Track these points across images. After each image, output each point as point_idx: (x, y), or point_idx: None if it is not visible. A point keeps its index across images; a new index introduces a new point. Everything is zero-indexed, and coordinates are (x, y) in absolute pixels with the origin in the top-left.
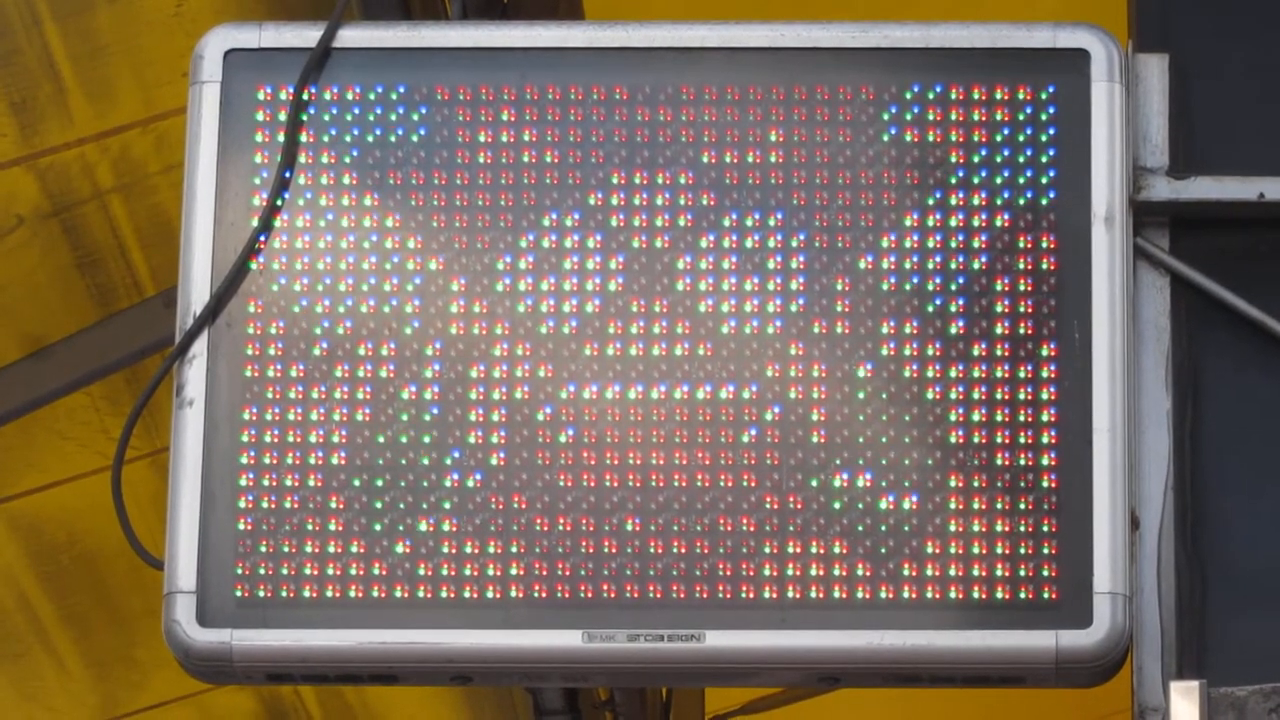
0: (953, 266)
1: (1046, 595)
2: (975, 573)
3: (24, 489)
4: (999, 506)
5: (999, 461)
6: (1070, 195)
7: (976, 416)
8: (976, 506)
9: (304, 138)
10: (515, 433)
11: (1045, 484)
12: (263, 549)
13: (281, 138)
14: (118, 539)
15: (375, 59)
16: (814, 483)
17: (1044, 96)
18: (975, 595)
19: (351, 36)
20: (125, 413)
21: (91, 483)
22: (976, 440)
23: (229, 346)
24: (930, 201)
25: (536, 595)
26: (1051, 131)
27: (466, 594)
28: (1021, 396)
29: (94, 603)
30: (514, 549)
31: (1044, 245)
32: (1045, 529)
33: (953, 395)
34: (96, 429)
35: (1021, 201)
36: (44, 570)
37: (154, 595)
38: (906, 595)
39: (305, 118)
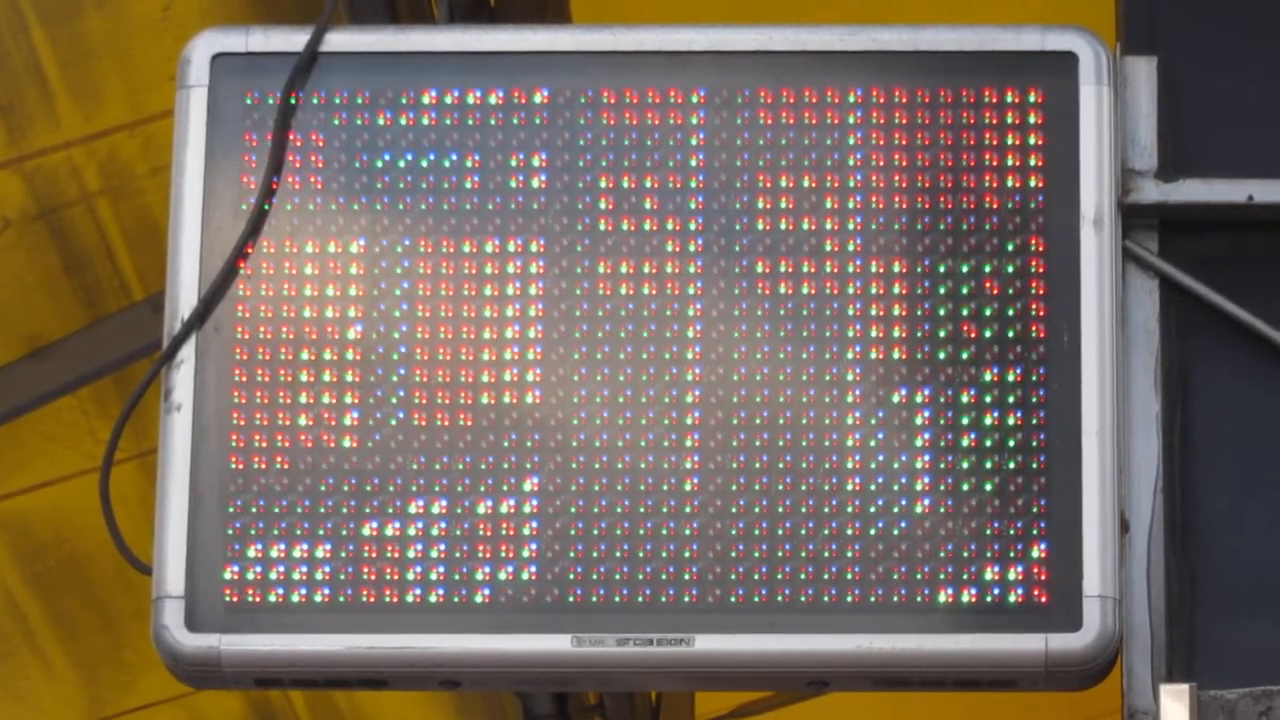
0: (941, 270)
1: (1036, 598)
2: (964, 576)
3: (12, 489)
4: (988, 510)
5: (988, 465)
6: (1059, 198)
7: (965, 420)
8: (965, 510)
9: (291, 142)
10: (503, 437)
11: (1034, 487)
12: (251, 553)
13: (269, 142)
14: (105, 540)
15: (363, 63)
16: (803, 486)
17: (1032, 99)
18: (964, 599)
19: (339, 41)
20: (113, 415)
21: (79, 484)
22: (965, 444)
23: (217, 351)
24: (919, 205)
25: (525, 600)
26: (1040, 134)
27: (455, 599)
28: (1010, 400)
29: (82, 604)
30: (502, 553)
31: (1033, 248)
32: (1034, 532)
33: (941, 399)
34: (84, 431)
35: (1010, 204)
36: (31, 571)
37: (142, 597)
38: (895, 599)
39: (293, 122)
